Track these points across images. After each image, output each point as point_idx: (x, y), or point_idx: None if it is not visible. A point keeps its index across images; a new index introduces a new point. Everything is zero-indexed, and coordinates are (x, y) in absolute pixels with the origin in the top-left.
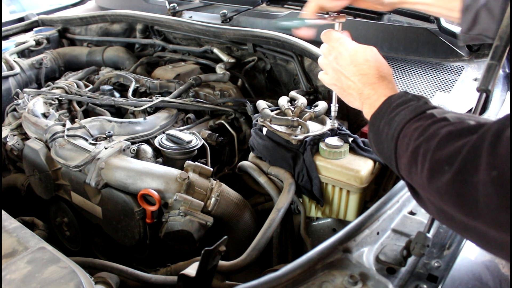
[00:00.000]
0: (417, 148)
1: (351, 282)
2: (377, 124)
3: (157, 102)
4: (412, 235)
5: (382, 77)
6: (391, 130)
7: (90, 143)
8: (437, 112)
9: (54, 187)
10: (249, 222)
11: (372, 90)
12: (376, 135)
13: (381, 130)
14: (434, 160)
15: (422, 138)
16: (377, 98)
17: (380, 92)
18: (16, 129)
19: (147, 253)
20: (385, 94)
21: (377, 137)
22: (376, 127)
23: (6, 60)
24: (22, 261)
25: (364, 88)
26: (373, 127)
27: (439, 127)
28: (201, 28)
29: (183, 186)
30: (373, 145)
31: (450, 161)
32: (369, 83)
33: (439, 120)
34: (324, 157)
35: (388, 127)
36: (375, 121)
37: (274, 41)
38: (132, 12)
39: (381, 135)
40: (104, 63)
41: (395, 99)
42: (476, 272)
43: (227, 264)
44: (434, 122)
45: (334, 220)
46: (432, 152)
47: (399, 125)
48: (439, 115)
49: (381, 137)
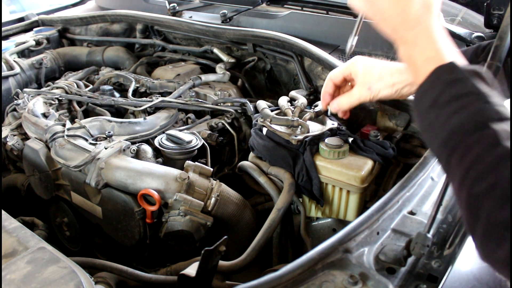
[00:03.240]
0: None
1: (351, 282)
2: (423, 104)
3: (157, 102)
4: (412, 235)
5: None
6: (443, 133)
7: (90, 143)
8: (501, 134)
9: (54, 187)
10: (249, 222)
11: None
12: (421, 116)
13: (428, 115)
14: (492, 221)
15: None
16: (418, 54)
17: (421, 45)
18: (16, 129)
19: (147, 253)
20: (429, 56)
21: (422, 120)
22: (421, 107)
23: (6, 60)
24: (22, 261)
25: (400, 29)
26: (417, 105)
27: (502, 178)
28: (201, 28)
29: (183, 186)
30: (418, 125)
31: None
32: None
33: (504, 156)
34: (324, 157)
35: (437, 119)
36: (420, 100)
37: (274, 41)
38: (132, 12)
39: (428, 121)
40: (104, 63)
41: (445, 73)
42: (476, 272)
43: (227, 264)
44: (498, 161)
45: (334, 220)
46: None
47: (455, 135)
48: (504, 141)
49: (428, 125)
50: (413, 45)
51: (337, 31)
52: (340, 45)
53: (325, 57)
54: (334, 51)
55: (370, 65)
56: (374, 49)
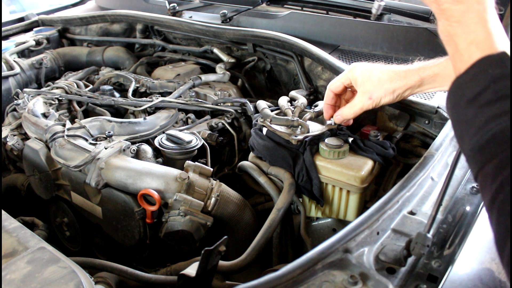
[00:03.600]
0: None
1: (351, 282)
2: (461, 96)
3: (157, 102)
4: (412, 235)
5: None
6: (480, 135)
7: (90, 143)
8: None
9: (54, 187)
10: (249, 222)
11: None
12: (456, 109)
13: (465, 111)
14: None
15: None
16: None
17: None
18: (16, 129)
19: (147, 253)
20: (476, 39)
21: (457, 114)
22: (458, 98)
23: (6, 60)
24: (22, 261)
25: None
26: (453, 94)
27: None
28: (201, 28)
29: (183, 186)
30: (450, 115)
31: None
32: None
33: None
34: (324, 157)
35: (475, 118)
36: (458, 89)
37: (274, 41)
38: (132, 12)
39: (464, 117)
40: (104, 63)
41: (493, 66)
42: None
43: (227, 264)
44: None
45: (334, 220)
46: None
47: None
48: None
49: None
50: (458, 22)
51: (337, 31)
52: (340, 45)
53: (325, 57)
54: (334, 51)
55: (368, 72)
56: (374, 49)
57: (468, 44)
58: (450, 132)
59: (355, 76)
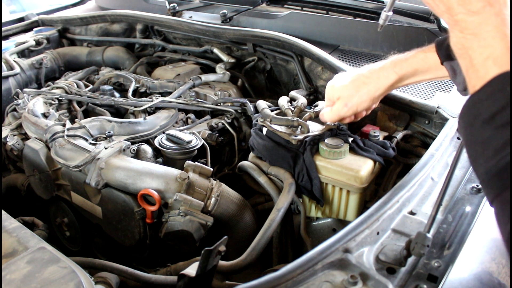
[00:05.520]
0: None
1: (351, 282)
2: (476, 115)
3: (157, 102)
4: (412, 235)
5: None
6: (497, 160)
7: (90, 143)
8: None
9: (54, 187)
10: (249, 222)
11: (473, 22)
12: (470, 129)
13: (480, 130)
14: None
15: None
16: (479, 49)
17: (486, 38)
18: (16, 129)
19: (147, 253)
20: (493, 54)
21: (471, 134)
22: (472, 117)
23: (6, 60)
24: (22, 261)
25: (459, 10)
26: (467, 113)
27: None
28: (201, 28)
29: (183, 186)
30: (462, 134)
31: None
32: (469, 7)
33: None
34: (324, 157)
35: (492, 139)
36: (473, 108)
37: (274, 41)
38: (132, 12)
39: (479, 137)
40: (104, 63)
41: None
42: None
43: (227, 264)
44: None
45: (334, 220)
46: None
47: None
48: None
49: (478, 142)
50: (474, 34)
51: (337, 31)
52: (340, 45)
53: (325, 57)
54: (334, 51)
55: (341, 79)
56: (374, 49)
57: (485, 59)
58: (450, 132)
59: (329, 90)
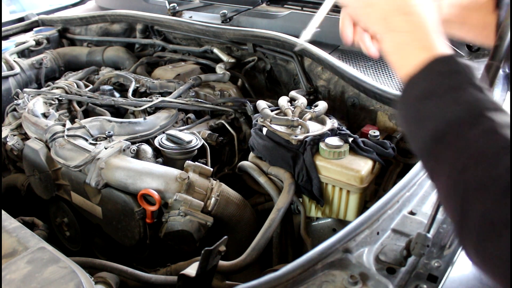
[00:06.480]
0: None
1: (351, 282)
2: (412, 94)
3: (157, 102)
4: (412, 235)
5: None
6: (432, 123)
7: (90, 143)
8: (499, 123)
9: (54, 187)
10: (249, 222)
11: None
12: (406, 106)
13: (416, 106)
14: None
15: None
16: (412, 42)
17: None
18: (16, 129)
19: (147, 253)
20: (423, 45)
21: (408, 111)
22: (408, 97)
23: (6, 60)
24: (22, 261)
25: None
26: (404, 95)
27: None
28: (201, 28)
29: (183, 186)
30: (400, 115)
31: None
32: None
33: (503, 146)
34: (324, 157)
35: (426, 110)
36: (408, 89)
37: (274, 41)
38: (132, 12)
39: (414, 112)
40: (104, 63)
41: (440, 64)
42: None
43: (227, 264)
44: (497, 151)
45: (334, 220)
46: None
47: (446, 124)
48: (501, 129)
49: (414, 116)
50: (406, 32)
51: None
52: (340, 45)
53: (325, 57)
54: (334, 51)
55: None
56: None
57: (417, 49)
58: None
59: None
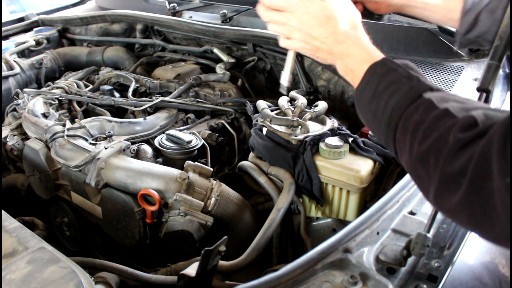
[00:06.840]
0: (424, 155)
1: (351, 282)
2: (364, 98)
3: (157, 102)
4: (412, 235)
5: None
6: (385, 115)
7: (90, 143)
8: (436, 99)
9: (54, 187)
10: (249, 222)
11: (344, 49)
12: (364, 110)
13: (370, 106)
14: (445, 173)
15: (428, 143)
16: (354, 61)
17: (354, 52)
18: (16, 129)
19: (147, 253)
20: (362, 59)
21: (366, 113)
22: (363, 102)
23: (6, 60)
24: (22, 261)
25: (334, 47)
26: (359, 102)
27: (445, 130)
28: (201, 28)
29: (183, 186)
30: (363, 119)
31: (462, 174)
32: (338, 41)
33: (442, 114)
34: (324, 157)
35: (378, 106)
36: (361, 96)
37: (274, 41)
38: (132, 12)
39: (371, 112)
40: (104, 63)
41: (379, 67)
42: (476, 272)
43: (227, 264)
44: (437, 119)
45: (334, 220)
46: (442, 165)
47: (395, 112)
48: (439, 103)
49: (372, 115)
50: (347, 55)
51: None
52: None
53: None
54: None
55: None
56: None
57: (359, 64)
58: None
59: None
